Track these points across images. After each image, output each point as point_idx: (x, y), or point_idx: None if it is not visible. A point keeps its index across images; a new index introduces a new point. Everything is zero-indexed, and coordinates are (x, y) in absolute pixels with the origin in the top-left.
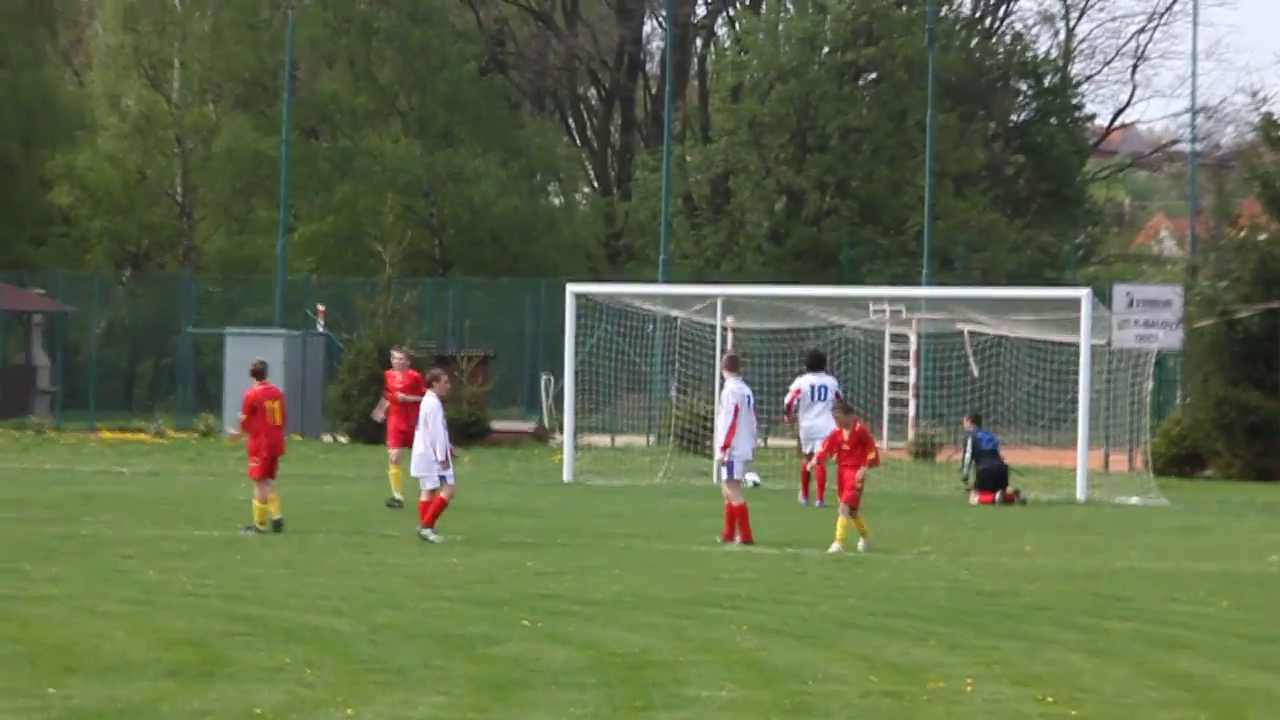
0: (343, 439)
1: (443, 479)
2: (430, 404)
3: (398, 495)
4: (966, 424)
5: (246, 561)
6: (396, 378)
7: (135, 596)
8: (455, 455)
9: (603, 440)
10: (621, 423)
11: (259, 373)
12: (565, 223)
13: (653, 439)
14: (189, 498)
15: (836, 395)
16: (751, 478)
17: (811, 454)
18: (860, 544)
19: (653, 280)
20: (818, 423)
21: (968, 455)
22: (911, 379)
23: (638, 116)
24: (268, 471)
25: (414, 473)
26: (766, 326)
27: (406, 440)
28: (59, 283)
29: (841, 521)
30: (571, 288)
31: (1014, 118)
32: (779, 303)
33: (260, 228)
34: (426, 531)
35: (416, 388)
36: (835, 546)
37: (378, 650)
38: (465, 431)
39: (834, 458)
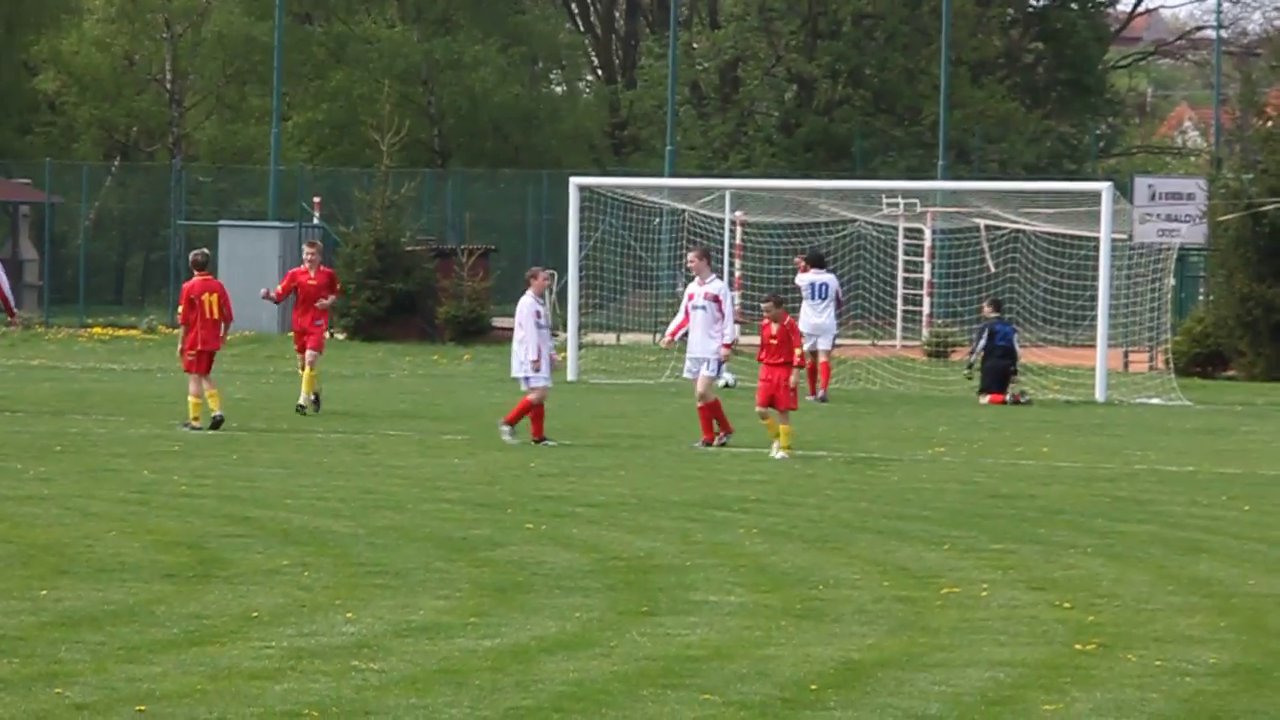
0: (340, 335)
1: (528, 380)
2: (524, 303)
3: (303, 399)
4: (986, 309)
5: (243, 461)
6: (309, 275)
7: (128, 497)
8: (555, 361)
9: (607, 338)
10: (626, 320)
11: (199, 264)
12: (568, 112)
13: (658, 337)
14: (183, 395)
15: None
16: (727, 377)
17: (815, 351)
18: (776, 452)
19: (659, 172)
20: (820, 320)
21: (980, 343)
22: (926, 275)
23: (642, 1)
24: (201, 366)
25: (513, 373)
26: (776, 220)
27: (309, 342)
28: (46, 172)
29: (784, 428)
30: (575, 180)
31: (1033, 3)
32: (789, 196)
33: (253, 116)
34: (505, 429)
35: (330, 287)
36: (782, 454)
37: (377, 553)
38: (466, 328)
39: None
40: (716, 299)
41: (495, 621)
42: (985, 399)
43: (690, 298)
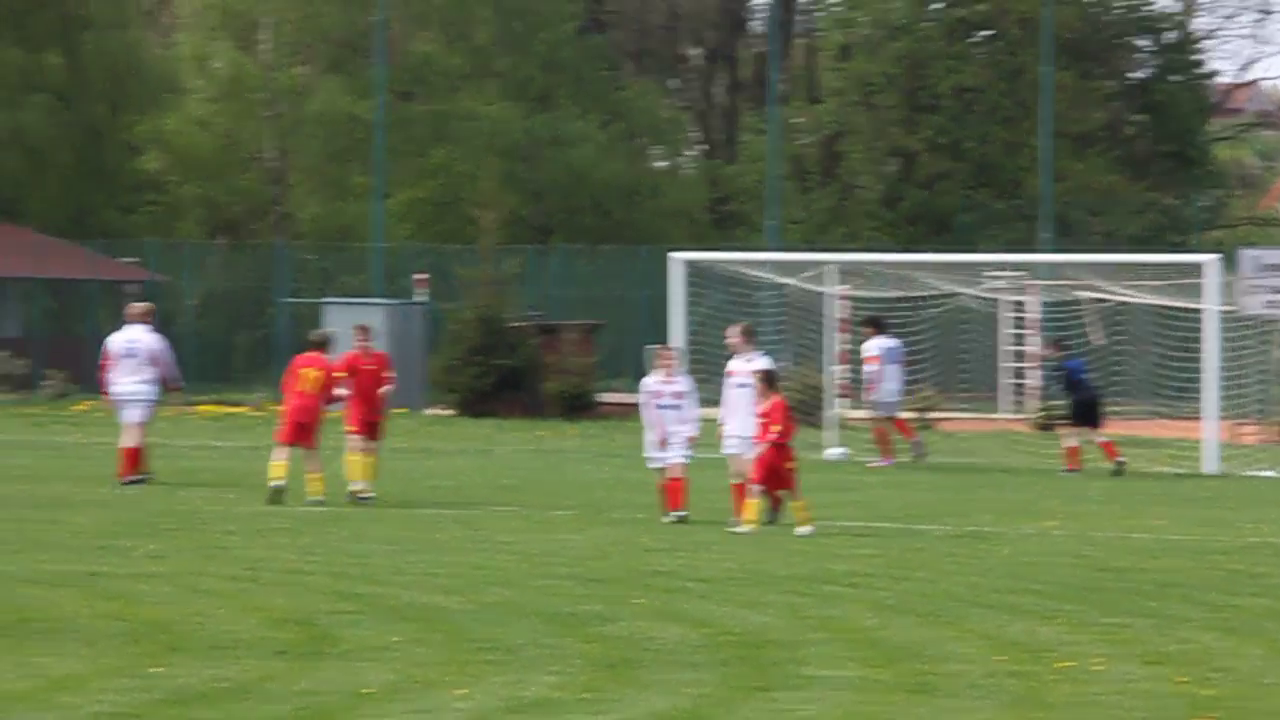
0: (446, 411)
1: (651, 462)
2: (642, 384)
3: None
4: (1048, 351)
5: (352, 538)
6: (364, 359)
7: (239, 573)
8: (689, 438)
9: (713, 413)
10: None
11: (313, 342)
12: (669, 187)
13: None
14: (290, 473)
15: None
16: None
17: (890, 417)
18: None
19: (761, 247)
20: (893, 385)
21: (1058, 386)
22: (1031, 348)
23: (743, 77)
24: (292, 437)
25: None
26: (880, 294)
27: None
28: (151, 251)
29: (753, 502)
30: (673, 256)
31: (1133, 75)
32: (892, 269)
33: (355, 193)
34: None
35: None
36: (804, 529)
37: (488, 628)
38: (572, 404)
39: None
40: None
41: (607, 697)
42: (1090, 437)
43: (730, 374)
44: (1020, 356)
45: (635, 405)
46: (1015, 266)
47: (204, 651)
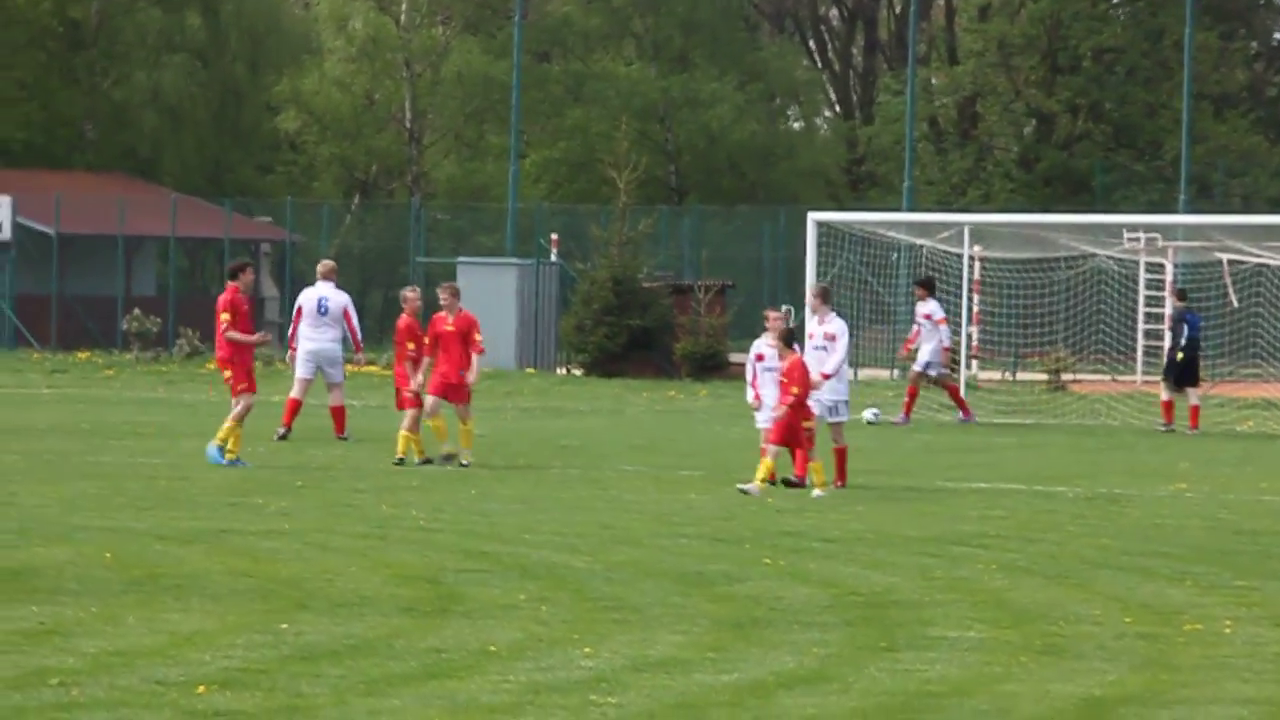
0: (577, 371)
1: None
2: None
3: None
4: (1175, 301)
5: (480, 496)
6: (447, 320)
7: (367, 531)
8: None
9: (847, 373)
10: (864, 355)
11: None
12: (805, 148)
13: (896, 372)
14: (424, 431)
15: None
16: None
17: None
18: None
19: (896, 208)
20: (933, 346)
21: (1181, 340)
22: (1168, 310)
23: (881, 37)
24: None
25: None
26: (1015, 255)
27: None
28: (287, 211)
29: (767, 462)
30: (813, 216)
31: (1276, 36)
32: (1028, 230)
33: (491, 154)
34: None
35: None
36: (818, 492)
37: (614, 588)
38: (703, 364)
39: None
40: (834, 338)
41: (733, 657)
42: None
43: (810, 337)
44: (1158, 319)
45: None
46: (1152, 228)
47: (331, 609)
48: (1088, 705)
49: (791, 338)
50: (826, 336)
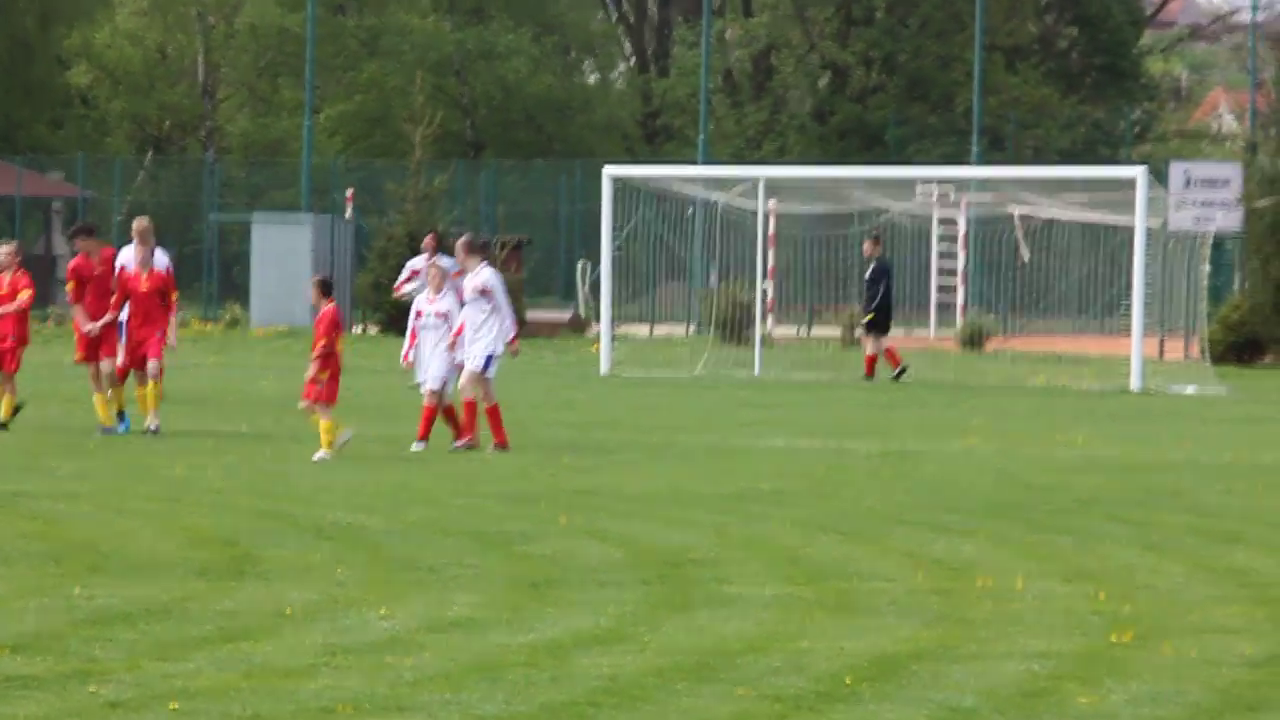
0: (373, 329)
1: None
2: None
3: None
4: (869, 247)
5: (275, 457)
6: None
7: (162, 494)
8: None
9: (641, 330)
10: (660, 312)
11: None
12: (601, 101)
13: (692, 329)
14: (215, 391)
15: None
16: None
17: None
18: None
19: (692, 161)
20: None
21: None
22: (960, 264)
23: None
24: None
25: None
26: (810, 210)
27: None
28: (79, 167)
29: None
30: (608, 170)
31: None
32: (823, 184)
33: (285, 108)
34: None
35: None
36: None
37: (411, 548)
38: None
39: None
40: (488, 292)
41: (529, 616)
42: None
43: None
44: (950, 273)
45: (562, 323)
46: (946, 181)
47: (125, 572)
48: (881, 660)
49: (328, 286)
50: (478, 290)
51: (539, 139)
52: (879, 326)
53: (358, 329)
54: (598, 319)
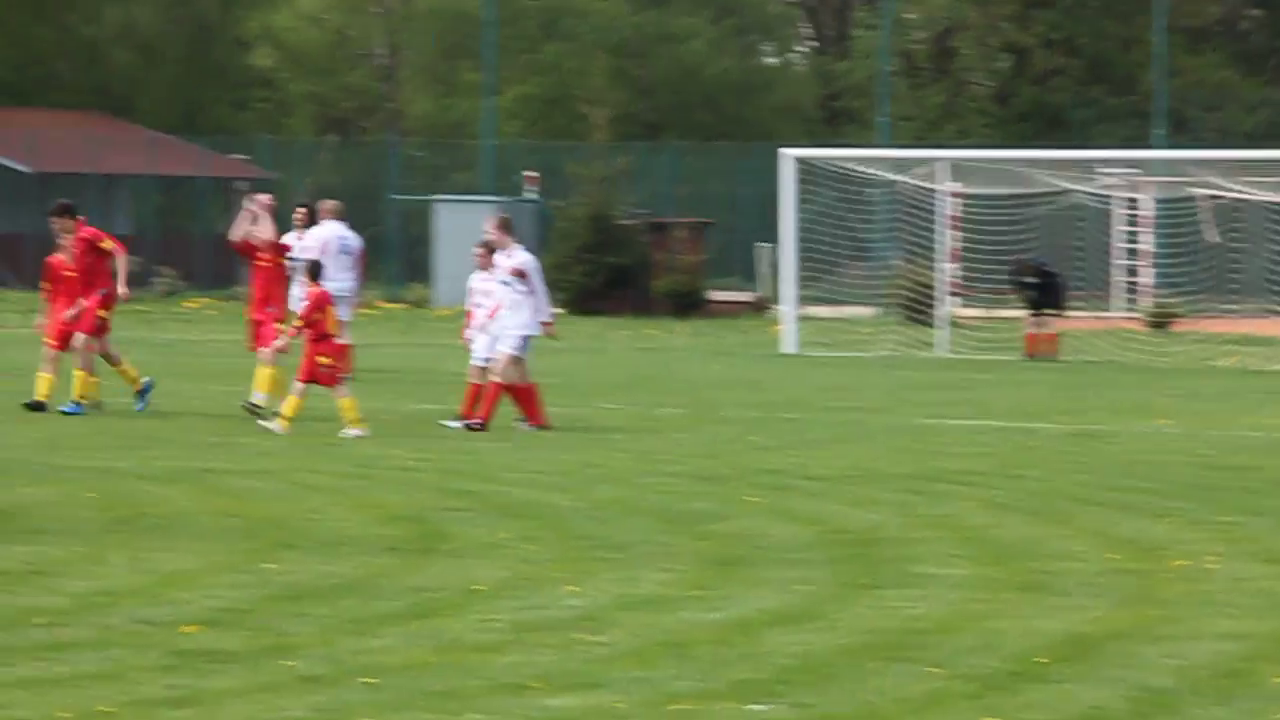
0: (557, 310)
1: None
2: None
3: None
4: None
5: (462, 435)
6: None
7: (351, 470)
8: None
9: (823, 311)
10: (843, 292)
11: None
12: (781, 84)
13: (875, 309)
14: (402, 370)
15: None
16: None
17: None
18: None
19: (872, 144)
20: None
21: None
22: (1143, 246)
23: None
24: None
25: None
26: (992, 191)
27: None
28: (261, 149)
29: (295, 400)
30: (788, 152)
31: None
32: (1005, 166)
33: (466, 91)
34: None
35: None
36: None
37: (599, 526)
38: (681, 302)
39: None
40: (524, 274)
41: (718, 594)
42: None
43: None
44: (1134, 254)
45: (745, 303)
46: (1129, 163)
47: (316, 548)
48: (1073, 640)
49: (317, 270)
50: (513, 271)
51: (718, 121)
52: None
53: None
54: (780, 300)
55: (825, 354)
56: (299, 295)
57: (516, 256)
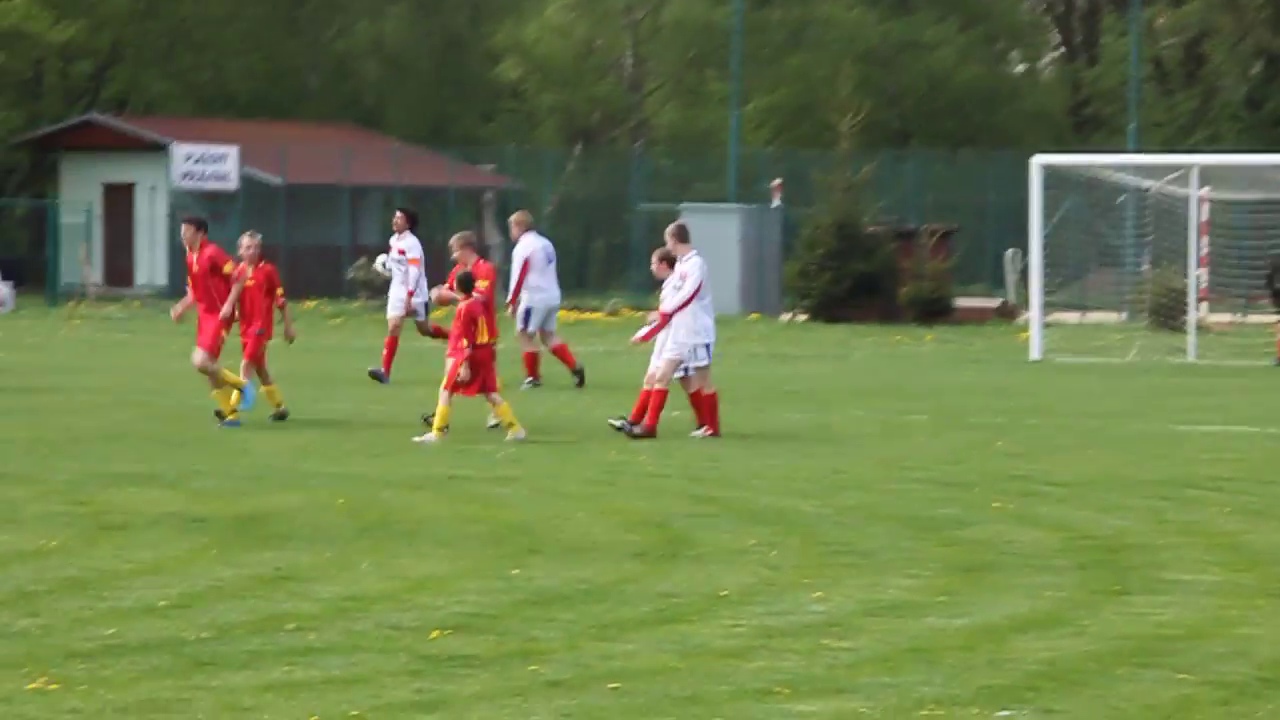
0: (801, 316)
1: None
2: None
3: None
4: None
5: (706, 441)
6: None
7: (596, 477)
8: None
9: (1071, 317)
10: (1091, 298)
11: (464, 284)
12: (1029, 91)
13: (1124, 315)
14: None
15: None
16: None
17: None
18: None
19: (1121, 150)
20: None
21: None
22: None
23: None
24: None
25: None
26: (1243, 197)
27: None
28: (509, 159)
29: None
30: (1037, 159)
31: None
32: (1257, 172)
33: (712, 100)
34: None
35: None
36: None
37: (844, 532)
38: (928, 309)
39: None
40: (685, 277)
41: (965, 600)
42: None
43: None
44: None
45: (991, 310)
46: None
47: (562, 553)
48: None
49: (467, 282)
50: (681, 276)
51: (965, 128)
52: None
53: (785, 316)
54: (1027, 306)
55: (1072, 360)
56: (398, 297)
57: (686, 262)
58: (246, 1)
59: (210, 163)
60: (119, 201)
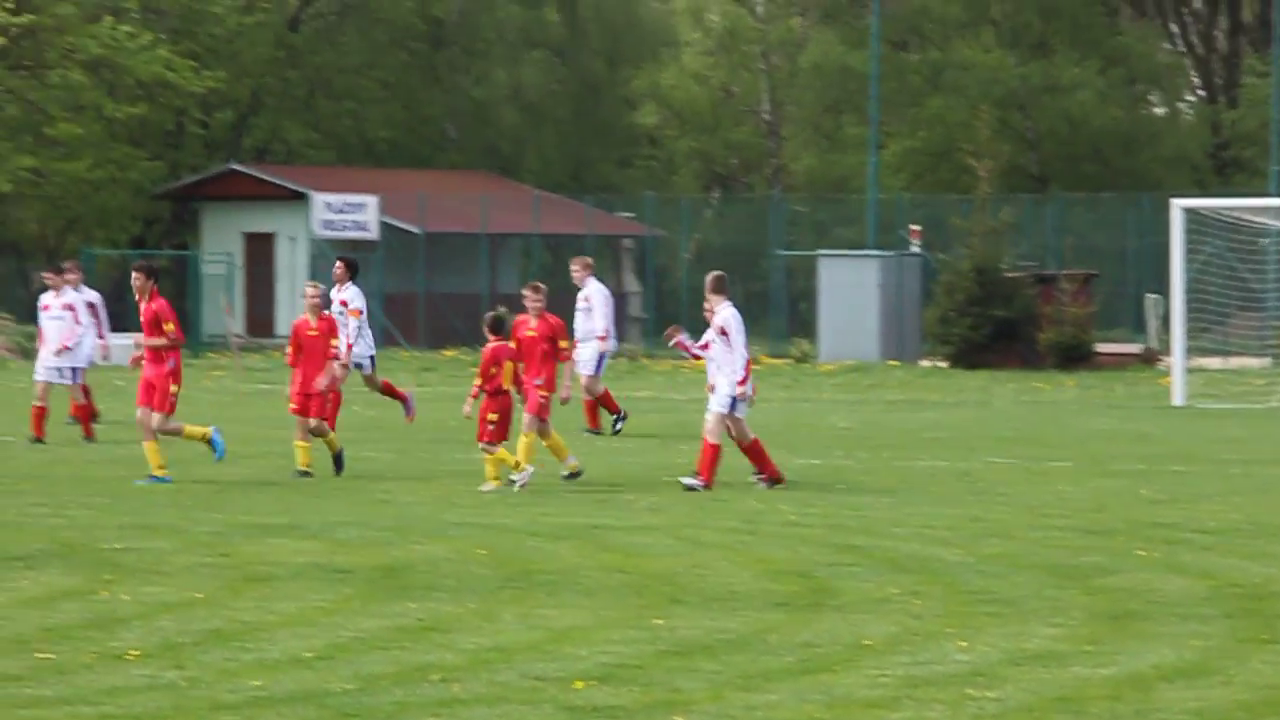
0: (941, 363)
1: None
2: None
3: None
4: None
5: (849, 490)
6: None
7: (737, 526)
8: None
9: (1213, 362)
10: (1233, 343)
11: (494, 326)
12: (1169, 133)
13: (1269, 360)
14: (787, 425)
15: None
16: None
17: None
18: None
19: (1263, 192)
20: None
21: None
22: None
23: (1245, 19)
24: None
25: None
26: None
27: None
28: (647, 206)
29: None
30: (1177, 202)
31: None
32: None
33: (849, 145)
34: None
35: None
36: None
37: (987, 580)
38: (1069, 354)
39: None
40: (725, 333)
41: (1110, 649)
42: None
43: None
44: None
45: (1133, 355)
46: None
47: (704, 603)
48: None
49: (499, 324)
50: (718, 329)
51: (1105, 172)
52: None
53: (925, 363)
54: (1169, 351)
55: (1215, 405)
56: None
57: (721, 313)
58: (385, 50)
59: (350, 212)
60: (259, 251)
